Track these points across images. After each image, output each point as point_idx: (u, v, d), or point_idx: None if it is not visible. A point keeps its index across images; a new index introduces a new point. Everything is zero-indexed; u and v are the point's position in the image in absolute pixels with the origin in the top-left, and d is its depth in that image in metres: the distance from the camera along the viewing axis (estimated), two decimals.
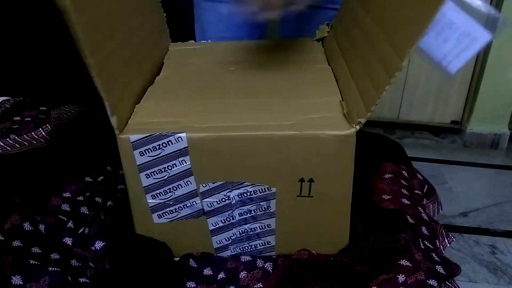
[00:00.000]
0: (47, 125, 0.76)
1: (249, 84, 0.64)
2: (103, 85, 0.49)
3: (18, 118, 0.80)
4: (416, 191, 0.71)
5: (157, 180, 0.54)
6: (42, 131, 0.75)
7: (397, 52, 0.49)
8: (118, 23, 0.58)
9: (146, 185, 0.54)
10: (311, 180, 0.53)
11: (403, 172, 0.73)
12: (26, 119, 0.79)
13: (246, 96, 0.60)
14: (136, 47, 0.63)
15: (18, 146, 0.72)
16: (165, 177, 0.54)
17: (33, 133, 0.75)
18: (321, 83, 0.63)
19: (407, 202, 0.65)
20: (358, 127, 0.51)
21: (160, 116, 0.55)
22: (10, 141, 0.72)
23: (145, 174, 0.53)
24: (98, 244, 0.56)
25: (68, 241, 0.56)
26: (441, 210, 0.73)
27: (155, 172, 0.53)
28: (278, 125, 0.52)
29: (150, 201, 0.55)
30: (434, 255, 0.57)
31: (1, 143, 0.71)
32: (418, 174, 0.75)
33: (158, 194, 0.55)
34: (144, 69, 0.65)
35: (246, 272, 0.56)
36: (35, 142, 0.73)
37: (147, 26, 0.69)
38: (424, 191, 0.73)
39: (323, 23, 0.83)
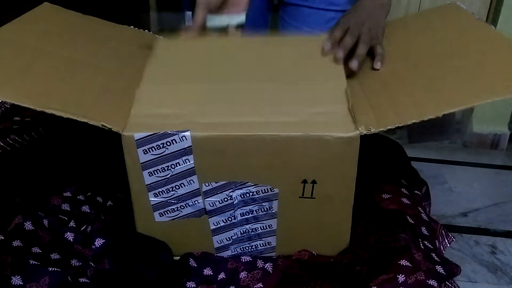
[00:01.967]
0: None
1: (253, 66, 0.63)
2: None
3: (18, 118, 0.80)
4: (416, 191, 0.71)
5: (160, 179, 0.54)
6: (42, 131, 0.75)
7: (437, 105, 0.53)
8: None
9: (149, 183, 0.54)
10: (313, 182, 0.53)
11: (403, 171, 0.73)
12: (26, 119, 0.79)
13: (249, 80, 0.60)
14: None
15: (18, 146, 0.72)
16: (168, 176, 0.54)
17: (33, 133, 0.75)
18: (326, 67, 0.62)
19: (407, 201, 0.65)
20: (365, 132, 0.51)
21: (162, 106, 0.55)
22: (10, 141, 0.72)
23: (148, 172, 0.53)
24: (98, 242, 0.56)
25: (70, 236, 0.56)
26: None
27: (158, 170, 0.53)
28: (282, 123, 0.52)
29: (152, 199, 0.55)
30: (434, 255, 0.57)
31: (1, 143, 0.71)
32: (417, 175, 0.76)
33: (160, 193, 0.55)
34: None
35: (246, 273, 0.56)
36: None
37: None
38: (423, 192, 0.73)
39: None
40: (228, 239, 0.58)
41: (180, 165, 0.53)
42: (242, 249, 0.59)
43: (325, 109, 0.54)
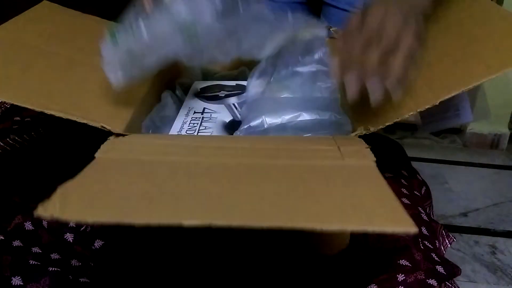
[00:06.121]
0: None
1: None
2: None
3: (18, 118, 0.80)
4: (416, 192, 0.71)
5: None
6: (42, 131, 0.75)
7: (432, 92, 0.51)
8: None
9: None
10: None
11: (403, 171, 0.73)
12: (26, 119, 0.79)
13: None
14: None
15: (18, 146, 0.72)
16: None
17: (33, 133, 0.75)
18: None
19: (407, 202, 0.65)
20: (364, 132, 0.51)
21: None
22: (10, 141, 0.72)
23: None
24: (98, 243, 0.56)
25: (69, 237, 0.56)
26: (433, 216, 0.74)
27: None
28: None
29: None
30: (433, 255, 0.57)
31: (1, 143, 0.71)
32: (417, 175, 0.75)
33: None
34: None
35: None
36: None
37: None
38: (422, 192, 0.73)
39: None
40: None
41: None
42: None
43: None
